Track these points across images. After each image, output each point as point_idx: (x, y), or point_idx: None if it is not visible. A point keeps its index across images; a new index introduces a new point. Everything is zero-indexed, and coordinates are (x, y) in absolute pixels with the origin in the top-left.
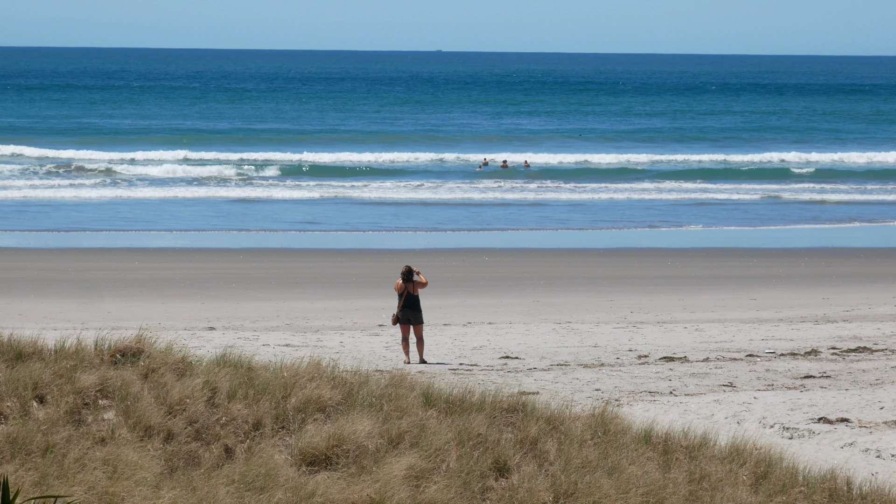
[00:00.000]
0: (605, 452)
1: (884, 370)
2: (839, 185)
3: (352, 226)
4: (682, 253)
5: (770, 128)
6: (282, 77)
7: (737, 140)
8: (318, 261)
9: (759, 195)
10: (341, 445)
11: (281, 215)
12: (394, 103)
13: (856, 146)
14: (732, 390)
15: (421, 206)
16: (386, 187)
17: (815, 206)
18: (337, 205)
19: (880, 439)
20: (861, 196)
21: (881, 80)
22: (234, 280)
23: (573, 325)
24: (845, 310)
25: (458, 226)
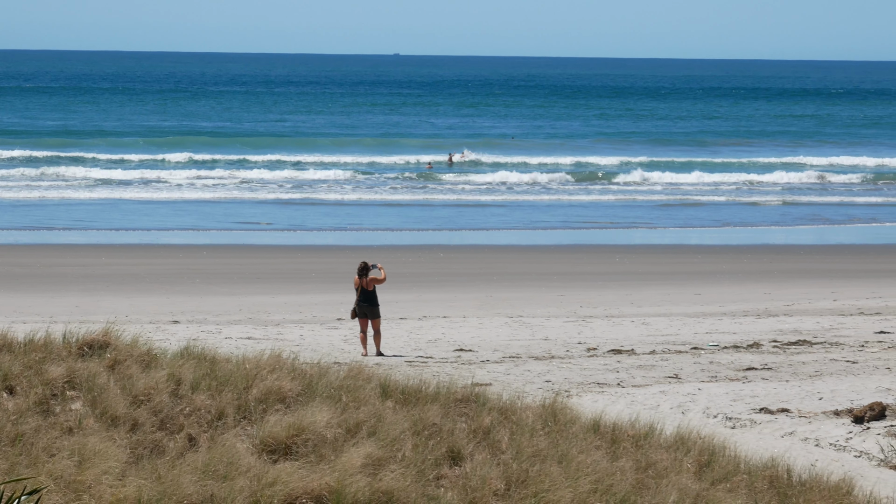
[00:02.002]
0: (555, 442)
1: (823, 362)
2: (769, 188)
3: (310, 225)
4: (630, 249)
5: (712, 132)
6: (245, 81)
7: (678, 143)
8: (278, 257)
9: (706, 196)
10: (301, 435)
11: (240, 214)
12: (352, 105)
13: (805, 150)
14: (678, 382)
15: (376, 206)
16: (343, 189)
17: (753, 207)
18: (296, 205)
19: (819, 429)
20: (793, 197)
21: (820, 83)
22: (198, 275)
23: (525, 318)
24: (786, 304)
25: (412, 224)
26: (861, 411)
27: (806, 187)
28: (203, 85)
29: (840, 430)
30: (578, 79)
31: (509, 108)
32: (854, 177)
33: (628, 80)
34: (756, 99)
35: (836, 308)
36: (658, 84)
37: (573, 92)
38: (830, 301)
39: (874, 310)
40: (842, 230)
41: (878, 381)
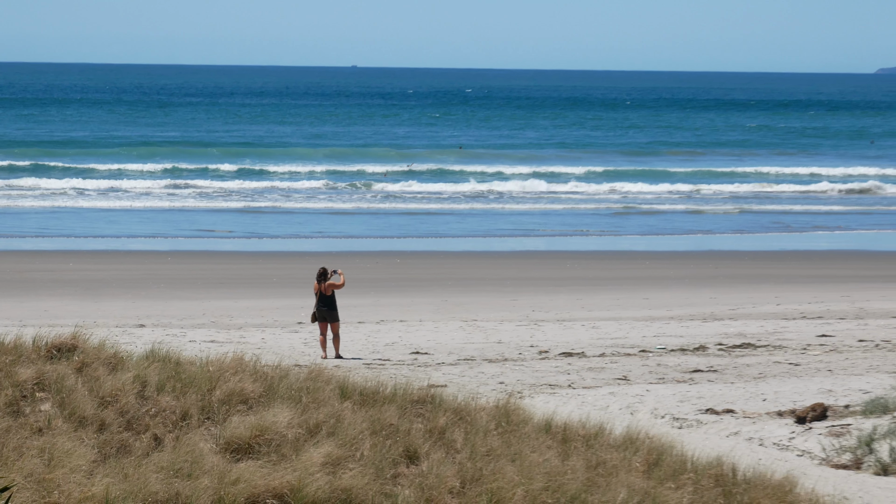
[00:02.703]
0: (508, 441)
1: (766, 365)
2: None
3: (272, 232)
4: (581, 256)
5: (666, 142)
6: (209, 92)
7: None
8: (240, 263)
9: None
10: (263, 435)
11: (203, 222)
12: (316, 116)
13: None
14: (626, 383)
15: (335, 214)
16: (303, 197)
17: (698, 216)
18: (256, 213)
19: (763, 429)
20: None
21: (756, 94)
22: (163, 280)
23: (479, 322)
24: (731, 308)
25: (370, 231)
26: (803, 412)
27: (752, 196)
28: (169, 96)
29: (783, 430)
30: (537, 90)
31: (468, 119)
32: (797, 187)
33: (586, 91)
34: (707, 109)
35: (780, 312)
36: (615, 96)
37: (531, 103)
38: (774, 305)
39: (816, 314)
40: (786, 237)
41: (819, 382)
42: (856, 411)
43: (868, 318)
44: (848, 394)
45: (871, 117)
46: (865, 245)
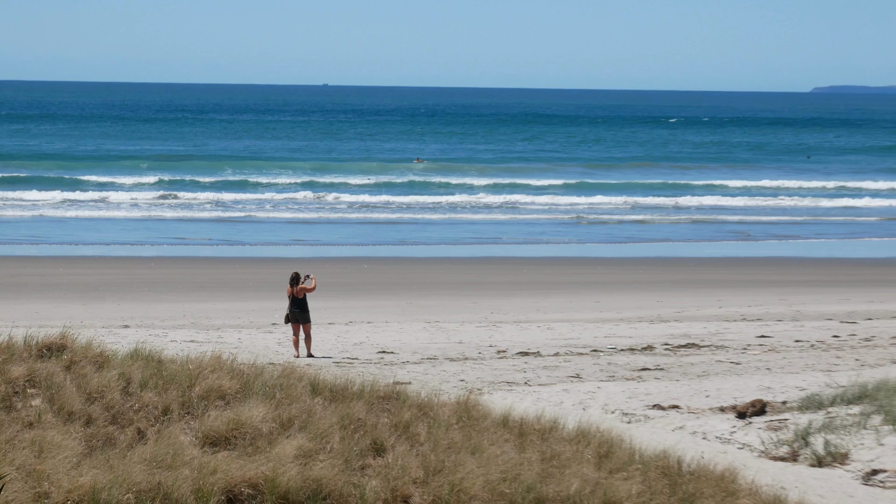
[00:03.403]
0: (468, 435)
1: (709, 363)
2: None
3: (247, 240)
4: (536, 262)
5: (620, 157)
6: (189, 108)
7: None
8: (219, 268)
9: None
10: (239, 429)
11: (182, 230)
12: (292, 131)
13: (699, 174)
14: (579, 381)
15: (306, 224)
16: (277, 207)
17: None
18: (231, 222)
19: (706, 423)
20: (659, 216)
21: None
22: (146, 284)
23: (441, 324)
24: (677, 311)
25: (339, 239)
26: (744, 407)
27: (698, 206)
28: (156, 111)
29: (725, 425)
30: (500, 107)
31: (434, 134)
32: (741, 200)
33: (547, 108)
34: (658, 125)
35: (722, 314)
36: (573, 113)
37: (494, 119)
38: (716, 308)
39: (756, 316)
40: (729, 245)
41: (759, 380)
42: (792, 407)
43: (804, 320)
44: (785, 391)
45: (808, 133)
46: (801, 252)
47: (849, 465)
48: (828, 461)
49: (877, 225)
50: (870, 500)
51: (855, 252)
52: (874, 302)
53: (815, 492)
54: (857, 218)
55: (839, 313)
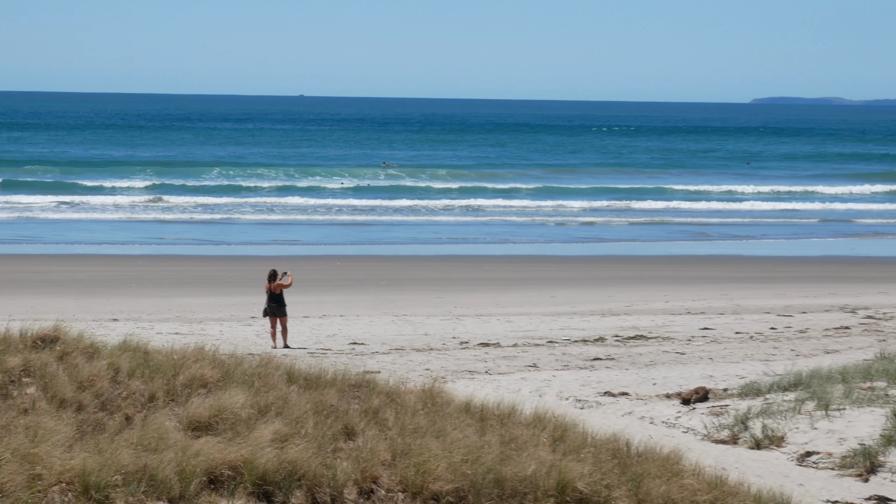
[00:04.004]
0: (433, 420)
1: (656, 354)
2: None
3: (228, 240)
4: (496, 260)
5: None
6: (167, 117)
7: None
8: (201, 266)
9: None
10: (220, 415)
11: (171, 230)
12: (273, 139)
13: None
14: (536, 370)
15: (284, 224)
16: (256, 209)
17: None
18: (209, 224)
19: (653, 409)
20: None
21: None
22: (134, 281)
23: (408, 317)
24: (626, 305)
25: (314, 238)
26: (688, 394)
27: (662, 210)
28: (147, 120)
29: (671, 410)
30: (467, 117)
31: (405, 141)
32: (687, 204)
33: (514, 118)
34: (613, 134)
35: (668, 308)
36: (538, 122)
37: (461, 127)
38: (663, 302)
39: (699, 310)
40: (675, 245)
41: (702, 369)
42: (733, 394)
43: (744, 313)
44: (726, 379)
45: (747, 142)
46: (740, 251)
47: (785, 448)
48: (765, 444)
49: (815, 226)
50: (804, 479)
51: (792, 251)
52: (808, 297)
53: (754, 472)
54: (798, 220)
55: (776, 307)
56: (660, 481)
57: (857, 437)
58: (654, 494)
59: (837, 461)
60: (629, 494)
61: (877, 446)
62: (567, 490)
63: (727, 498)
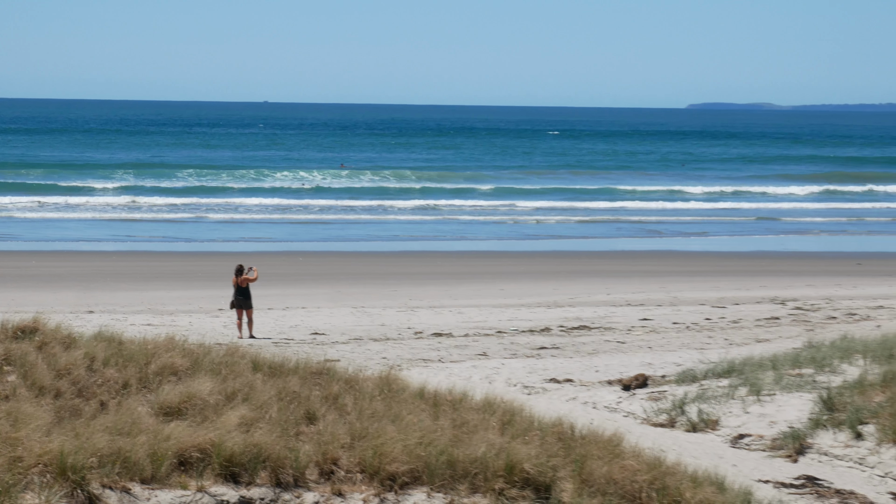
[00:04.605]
0: (389, 405)
1: (598, 343)
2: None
3: (197, 237)
4: (448, 255)
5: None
6: (137, 122)
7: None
8: (172, 261)
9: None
10: (190, 401)
11: (143, 228)
12: (230, 141)
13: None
14: (486, 358)
15: (251, 223)
16: (223, 208)
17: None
18: (184, 223)
19: (596, 395)
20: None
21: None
22: (109, 275)
23: (366, 309)
24: (570, 297)
25: (278, 236)
26: (628, 381)
27: (606, 209)
28: (124, 125)
29: (612, 396)
30: (419, 122)
31: (365, 145)
32: (631, 202)
33: (467, 122)
34: (557, 138)
35: (610, 300)
36: (493, 126)
37: (414, 132)
38: (605, 295)
39: (639, 302)
40: (617, 241)
41: (641, 357)
42: (670, 380)
43: (680, 305)
44: (664, 366)
45: (685, 145)
46: (677, 247)
47: (719, 431)
48: (701, 427)
49: (751, 224)
50: (737, 460)
51: (726, 247)
52: (741, 289)
53: (690, 454)
54: (736, 218)
55: (711, 299)
56: (602, 462)
57: (787, 421)
58: (597, 475)
59: (768, 443)
60: (573, 475)
61: (805, 429)
62: (515, 471)
63: (665, 478)
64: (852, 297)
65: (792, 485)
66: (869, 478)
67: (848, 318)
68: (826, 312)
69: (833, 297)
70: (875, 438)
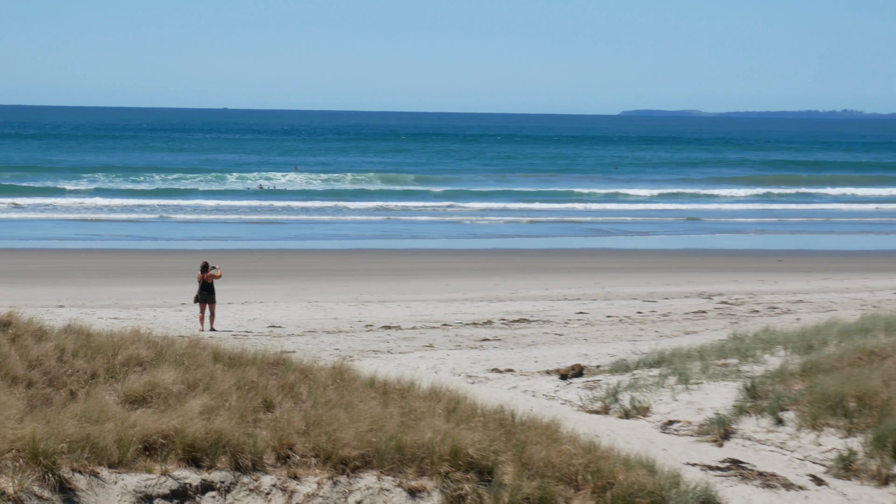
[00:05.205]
0: (342, 394)
1: (538, 335)
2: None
3: (161, 236)
4: (396, 253)
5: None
6: (99, 127)
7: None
8: (138, 258)
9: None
10: (154, 390)
11: (108, 229)
12: (191, 146)
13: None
14: (432, 349)
15: (210, 223)
16: (184, 209)
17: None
18: (148, 222)
19: (535, 384)
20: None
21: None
22: (78, 272)
23: (320, 303)
24: (511, 292)
25: (238, 235)
26: (565, 370)
27: (546, 210)
28: (91, 130)
29: (550, 385)
30: (367, 128)
31: (318, 150)
32: (565, 204)
33: (415, 128)
34: (501, 143)
35: (548, 295)
36: (434, 131)
37: (361, 137)
38: (543, 290)
39: (575, 296)
40: (556, 241)
41: (578, 348)
42: (605, 370)
43: (614, 299)
44: (599, 357)
45: (616, 150)
46: (612, 245)
47: (650, 417)
48: (633, 414)
49: (683, 223)
50: (667, 445)
51: (657, 245)
52: (671, 285)
53: (623, 439)
54: (667, 218)
55: (642, 294)
56: (541, 447)
57: (713, 408)
58: (536, 458)
59: (696, 429)
60: (514, 458)
61: (730, 416)
62: (460, 455)
63: (599, 461)
64: (774, 291)
65: (718, 467)
66: (789, 461)
67: (770, 311)
68: (749, 306)
69: (756, 292)
70: (795, 424)
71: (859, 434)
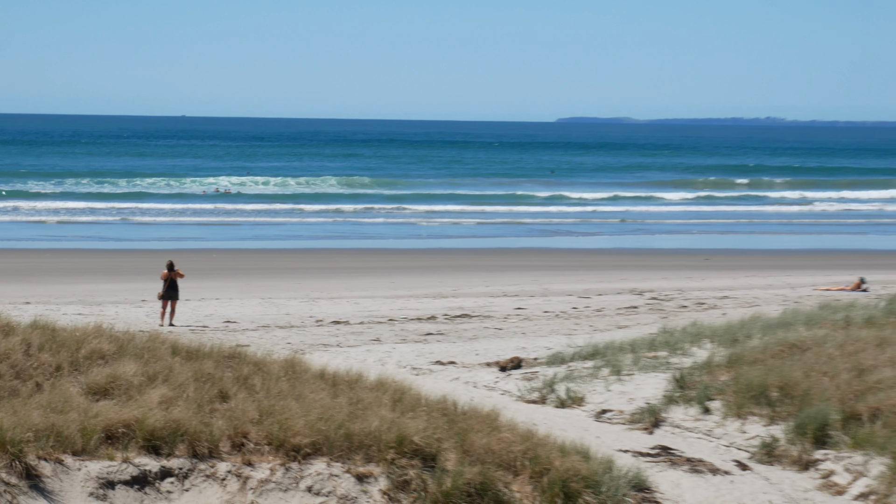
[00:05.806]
0: (293, 385)
1: (478, 329)
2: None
3: (124, 237)
4: (345, 252)
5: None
6: (53, 133)
7: None
8: (101, 258)
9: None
10: (116, 382)
11: (72, 230)
12: (152, 151)
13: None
14: (379, 343)
15: (169, 225)
16: (145, 212)
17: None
18: (111, 224)
19: (476, 375)
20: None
21: None
22: (44, 270)
23: (273, 300)
24: (453, 289)
25: (194, 236)
26: (505, 363)
27: (475, 212)
28: (55, 137)
29: (490, 376)
30: (322, 134)
31: (274, 155)
32: (508, 206)
33: (365, 134)
34: (441, 148)
35: (489, 292)
36: (385, 137)
37: (315, 143)
38: (484, 287)
39: (514, 293)
40: (498, 241)
41: (516, 342)
42: (542, 362)
43: (551, 295)
44: (536, 350)
45: (552, 155)
46: (550, 244)
47: (585, 407)
48: (568, 403)
49: (617, 225)
50: (600, 432)
51: (591, 244)
52: (604, 282)
53: (559, 427)
54: (602, 220)
55: (577, 290)
56: (482, 435)
57: (644, 398)
58: (477, 445)
59: (628, 417)
60: (456, 446)
61: (660, 405)
62: (405, 443)
63: (537, 448)
64: (701, 288)
65: (648, 454)
66: (715, 447)
67: (697, 306)
68: (678, 302)
69: (684, 289)
70: (721, 413)
71: (781, 422)
